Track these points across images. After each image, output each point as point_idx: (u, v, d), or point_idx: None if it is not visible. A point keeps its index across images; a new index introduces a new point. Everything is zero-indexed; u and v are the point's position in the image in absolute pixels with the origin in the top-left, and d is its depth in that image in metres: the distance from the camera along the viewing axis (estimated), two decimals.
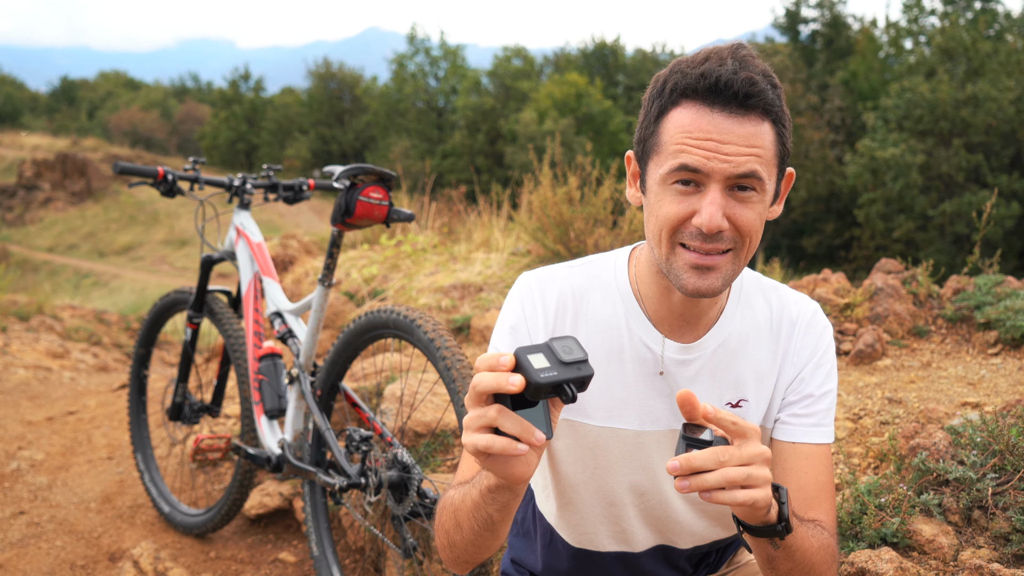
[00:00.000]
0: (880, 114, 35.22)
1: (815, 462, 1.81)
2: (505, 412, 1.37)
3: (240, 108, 68.24)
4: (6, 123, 71.95)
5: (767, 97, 1.59)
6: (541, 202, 6.70)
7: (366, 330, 3.16)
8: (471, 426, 1.39)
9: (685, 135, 1.60)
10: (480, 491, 1.58)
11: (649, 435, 1.85)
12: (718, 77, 1.57)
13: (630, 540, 1.97)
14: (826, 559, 1.69)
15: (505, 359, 1.35)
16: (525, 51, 59.38)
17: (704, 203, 1.61)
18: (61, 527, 4.28)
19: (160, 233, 44.11)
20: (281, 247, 8.59)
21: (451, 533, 1.72)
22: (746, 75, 1.57)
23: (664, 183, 1.65)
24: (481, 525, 1.63)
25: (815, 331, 1.88)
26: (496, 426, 1.37)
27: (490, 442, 1.37)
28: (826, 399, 1.86)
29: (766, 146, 1.61)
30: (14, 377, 7.02)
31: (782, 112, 1.63)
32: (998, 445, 2.59)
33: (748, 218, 1.63)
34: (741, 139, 1.59)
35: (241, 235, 3.88)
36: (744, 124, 1.59)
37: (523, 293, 1.89)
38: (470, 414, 1.40)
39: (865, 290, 4.29)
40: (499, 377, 1.34)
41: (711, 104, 1.59)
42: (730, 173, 1.59)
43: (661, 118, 1.65)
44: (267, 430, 3.59)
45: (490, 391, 1.36)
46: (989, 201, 4.52)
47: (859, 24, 47.71)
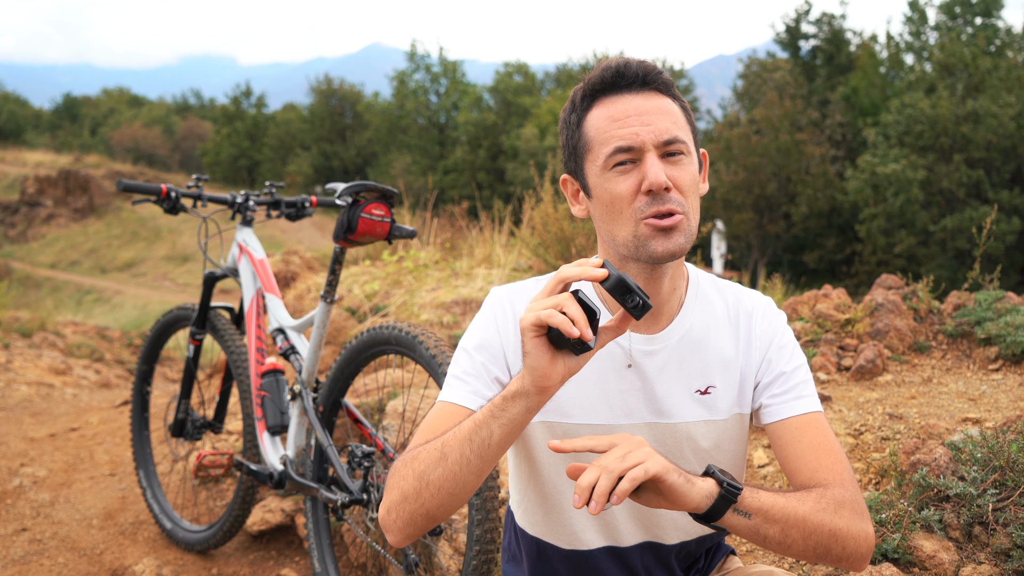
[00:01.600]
0: (881, 130, 35.27)
1: (807, 431, 1.86)
2: (573, 299, 1.53)
3: (242, 124, 68.32)
4: (9, 140, 72.09)
5: (664, 78, 1.81)
6: (543, 218, 6.72)
7: (368, 346, 3.18)
8: (537, 306, 1.55)
9: (609, 122, 1.78)
10: (497, 401, 1.65)
11: (623, 428, 1.91)
12: (616, 67, 1.80)
13: (616, 534, 1.99)
14: (826, 507, 1.69)
15: (594, 259, 1.56)
16: (526, 67, 59.53)
17: (645, 169, 1.75)
18: (63, 544, 4.28)
19: (162, 249, 44.14)
20: (283, 263, 8.61)
21: (426, 473, 1.69)
22: (636, 61, 1.80)
23: (604, 172, 1.80)
24: (476, 449, 1.65)
25: (770, 317, 1.98)
26: (561, 307, 1.52)
27: (552, 313, 1.51)
28: (798, 373, 1.92)
29: (677, 114, 1.80)
30: (16, 394, 7.03)
31: (679, 93, 1.84)
32: (999, 461, 2.59)
33: (685, 178, 1.78)
34: (656, 109, 1.78)
35: (244, 252, 3.90)
36: (653, 99, 1.79)
37: (494, 305, 1.97)
38: (539, 298, 1.56)
39: (866, 306, 4.30)
40: (584, 264, 1.55)
41: (619, 91, 1.79)
42: (658, 140, 1.75)
43: (581, 124, 1.84)
44: (269, 446, 3.59)
45: (575, 278, 1.55)
46: (989, 217, 4.54)
47: (859, 40, 47.85)
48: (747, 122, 40.18)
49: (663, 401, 1.91)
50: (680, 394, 1.91)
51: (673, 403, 1.91)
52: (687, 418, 1.91)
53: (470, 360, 1.92)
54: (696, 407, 1.92)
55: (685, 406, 1.91)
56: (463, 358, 1.94)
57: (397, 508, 1.74)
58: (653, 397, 1.91)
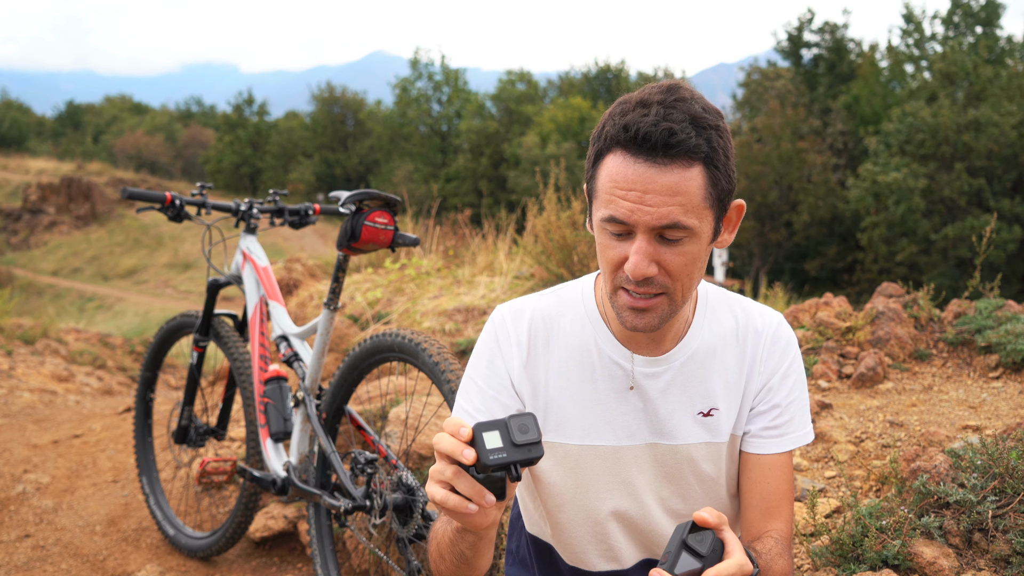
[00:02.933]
0: (882, 138, 35.33)
1: (777, 471, 1.91)
2: (461, 474, 1.48)
3: (244, 132, 68.44)
4: (12, 147, 72.17)
5: (689, 145, 1.60)
6: (545, 226, 6.74)
7: (371, 353, 3.19)
8: (433, 478, 1.52)
9: (613, 184, 1.65)
10: (453, 529, 1.71)
11: (626, 450, 1.91)
12: (637, 129, 1.60)
13: (618, 557, 2.01)
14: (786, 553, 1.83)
15: (464, 431, 1.47)
16: (529, 75, 59.61)
17: (631, 251, 1.67)
18: (66, 550, 4.29)
19: (164, 257, 44.17)
20: (286, 271, 8.62)
21: (437, 562, 1.82)
22: (666, 126, 1.59)
23: (601, 228, 1.72)
24: (457, 559, 1.74)
25: (781, 342, 1.94)
26: (453, 485, 1.48)
27: (444, 498, 1.49)
28: (791, 408, 1.93)
29: (692, 192, 1.63)
30: (20, 400, 7.04)
31: (713, 153, 1.64)
32: (998, 468, 2.60)
33: (677, 263, 1.68)
34: (664, 189, 1.61)
35: (247, 259, 3.92)
36: (667, 173, 1.61)
37: (497, 326, 1.96)
38: (434, 466, 1.51)
39: (866, 314, 4.32)
40: (455, 447, 1.46)
41: (635, 154, 1.62)
42: (653, 225, 1.63)
43: (598, 163, 1.71)
44: (272, 453, 3.60)
45: (448, 455, 1.48)
46: (989, 225, 4.55)
47: (861, 49, 47.90)
48: (749, 130, 40.25)
49: (665, 423, 1.90)
50: (682, 416, 1.90)
51: (675, 425, 1.90)
52: (689, 440, 1.91)
53: (480, 394, 1.93)
54: (698, 429, 1.91)
55: (687, 428, 1.91)
56: (471, 390, 1.95)
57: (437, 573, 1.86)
58: (655, 418, 1.90)
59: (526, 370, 1.92)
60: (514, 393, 1.92)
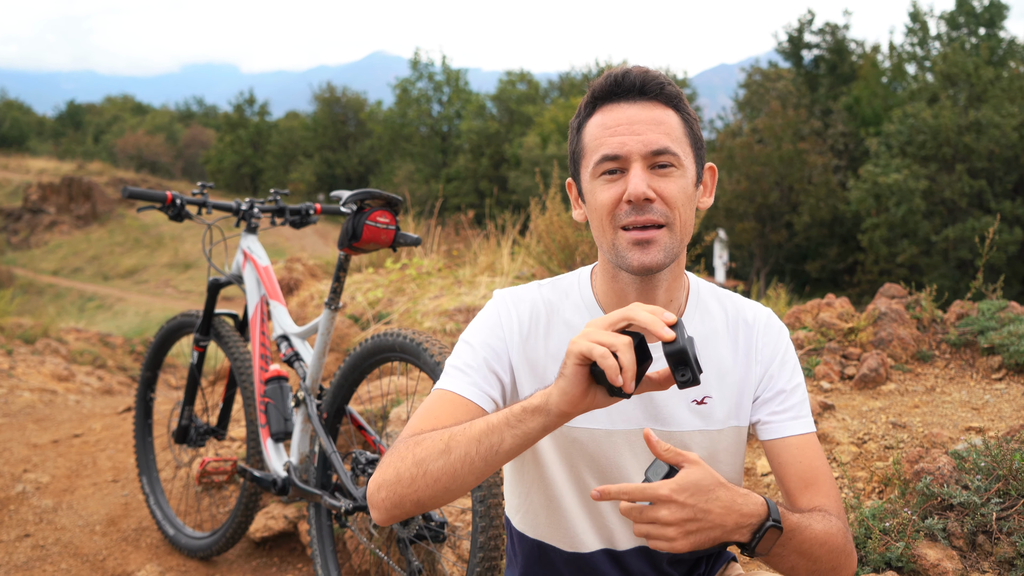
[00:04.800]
0: (883, 140, 35.32)
1: (806, 450, 1.91)
2: (629, 348, 1.50)
3: (245, 132, 68.38)
4: (13, 147, 72.16)
5: (663, 86, 1.81)
6: (547, 226, 6.73)
7: (372, 353, 3.18)
8: (595, 336, 1.51)
9: (601, 129, 1.81)
10: (516, 410, 1.63)
11: (620, 434, 1.94)
12: (616, 75, 1.82)
13: (612, 537, 2.01)
14: (834, 546, 1.77)
15: (669, 315, 1.51)
16: (530, 75, 59.59)
17: (629, 178, 1.78)
18: (66, 550, 4.28)
19: (164, 256, 44.16)
20: (286, 270, 8.62)
21: (425, 461, 1.69)
22: (640, 70, 1.82)
23: (594, 178, 1.83)
24: (483, 452, 1.65)
25: (773, 331, 2.00)
26: (616, 351, 1.49)
27: (605, 354, 1.48)
28: (797, 392, 1.97)
29: (673, 125, 1.81)
30: (20, 400, 7.04)
31: (683, 104, 1.84)
32: (1002, 470, 2.60)
33: (672, 190, 1.79)
34: (649, 119, 1.79)
35: (248, 259, 3.91)
36: (649, 109, 1.80)
37: (499, 304, 1.99)
38: (601, 329, 1.53)
39: (869, 315, 4.31)
40: (654, 319, 1.50)
41: (617, 99, 1.81)
42: (644, 151, 1.77)
43: (581, 130, 1.87)
44: (273, 453, 3.60)
45: (641, 325, 1.51)
46: (992, 227, 4.54)
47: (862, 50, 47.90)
48: (749, 131, 40.24)
49: (660, 408, 1.94)
50: (676, 404, 1.94)
51: (670, 411, 1.94)
52: (684, 427, 1.94)
53: (472, 353, 1.93)
54: (692, 416, 1.95)
55: (682, 415, 1.94)
56: (465, 350, 1.95)
57: (389, 487, 1.74)
58: (651, 404, 1.94)
59: (524, 350, 1.94)
60: (508, 366, 1.94)
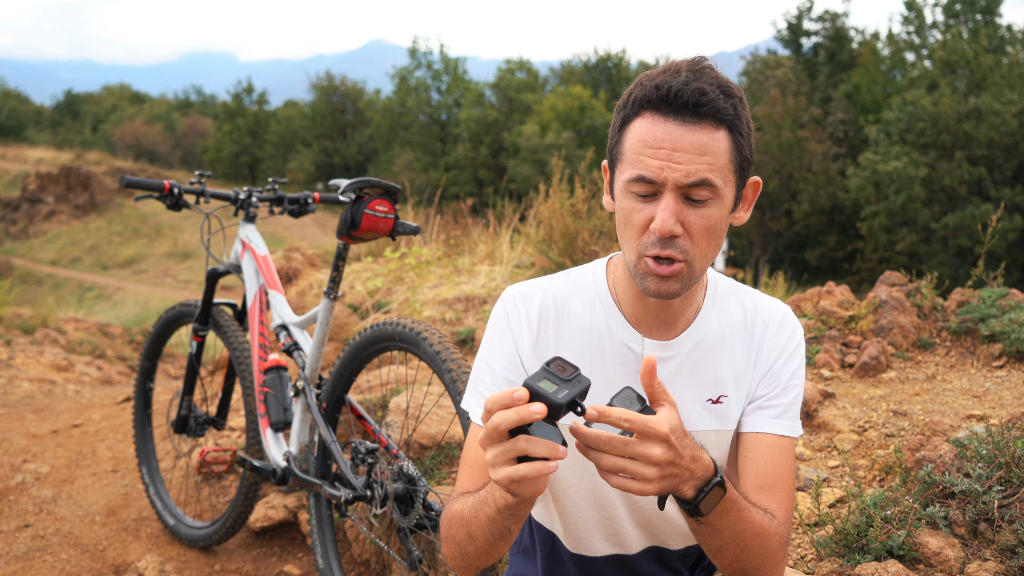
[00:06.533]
0: (882, 127, 35.27)
1: (775, 452, 1.87)
2: (531, 439, 1.43)
3: (243, 121, 68.22)
4: (10, 137, 72.02)
5: (718, 106, 1.65)
6: (549, 214, 6.72)
7: (372, 343, 3.17)
8: (498, 462, 1.45)
9: (642, 144, 1.68)
10: (496, 509, 1.62)
11: None
12: (669, 88, 1.66)
13: (623, 542, 2.00)
14: (765, 544, 1.72)
15: (519, 394, 1.42)
16: (529, 64, 59.46)
17: (659, 209, 1.68)
18: (66, 540, 4.28)
19: (163, 246, 44.13)
20: (285, 260, 8.60)
21: (463, 545, 1.75)
22: (697, 86, 1.65)
23: (626, 190, 1.73)
24: (496, 536, 1.68)
25: (787, 330, 1.95)
26: (525, 454, 1.43)
27: (527, 470, 1.43)
28: (791, 392, 1.91)
29: (719, 153, 1.68)
30: (19, 390, 7.03)
31: (738, 120, 1.69)
32: (1003, 458, 2.59)
33: (700, 226, 1.70)
34: (692, 147, 1.65)
35: (247, 248, 3.90)
36: (696, 132, 1.66)
37: (507, 305, 1.96)
38: (493, 451, 1.45)
39: (869, 303, 4.30)
40: (521, 410, 1.41)
41: (665, 114, 1.67)
42: (681, 182, 1.66)
43: (624, 128, 1.75)
44: (272, 443, 3.59)
45: (515, 425, 1.42)
46: (995, 215, 4.53)
47: (862, 37, 47.80)
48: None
49: None
50: (691, 402, 1.90)
51: (684, 411, 1.89)
52: (698, 427, 1.90)
53: (491, 374, 1.92)
54: (707, 416, 1.91)
55: (696, 414, 1.90)
56: (484, 372, 1.94)
57: (453, 562, 1.82)
58: None
59: (536, 350, 1.92)
60: (523, 372, 1.92)
